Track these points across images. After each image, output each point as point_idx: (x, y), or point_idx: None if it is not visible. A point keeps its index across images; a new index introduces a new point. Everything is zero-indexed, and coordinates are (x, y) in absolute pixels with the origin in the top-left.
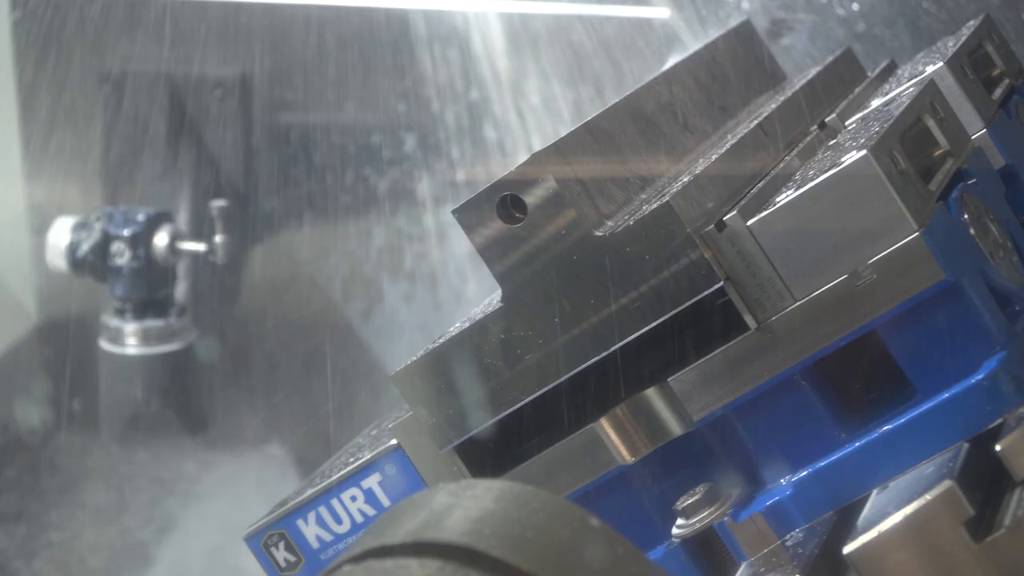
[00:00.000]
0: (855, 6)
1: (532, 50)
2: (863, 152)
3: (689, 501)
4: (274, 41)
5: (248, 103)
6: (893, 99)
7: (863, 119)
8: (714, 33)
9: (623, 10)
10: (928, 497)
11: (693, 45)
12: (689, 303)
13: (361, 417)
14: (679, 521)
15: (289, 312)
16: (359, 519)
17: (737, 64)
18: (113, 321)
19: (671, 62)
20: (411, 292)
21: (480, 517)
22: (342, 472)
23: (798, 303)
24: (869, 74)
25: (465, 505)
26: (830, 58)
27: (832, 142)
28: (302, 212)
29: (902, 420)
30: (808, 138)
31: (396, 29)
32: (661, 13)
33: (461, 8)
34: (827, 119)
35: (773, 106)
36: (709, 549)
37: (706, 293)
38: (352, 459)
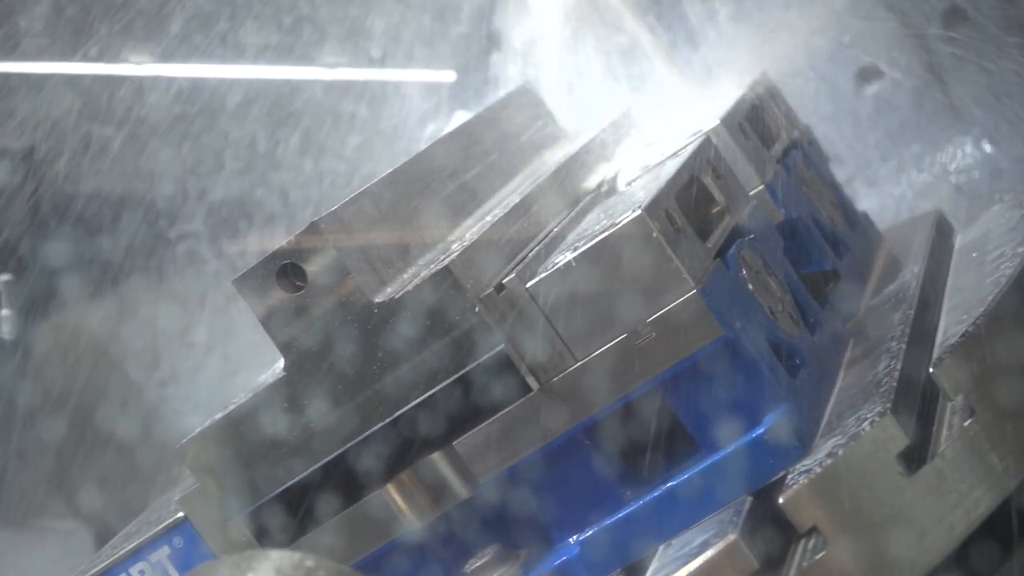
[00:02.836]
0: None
1: (319, 117)
2: (638, 212)
3: (479, 563)
4: (60, 113)
5: (33, 176)
6: (671, 157)
7: (641, 178)
8: (496, 96)
9: (408, 74)
10: (712, 551)
11: (476, 108)
12: (471, 367)
13: (155, 490)
14: None
15: (79, 386)
16: None
17: (518, 126)
18: None
19: (452, 125)
20: (202, 363)
21: None
22: (129, 546)
23: (579, 363)
24: (650, 133)
25: None
26: (611, 118)
27: (610, 201)
28: (91, 285)
29: (685, 476)
30: (588, 198)
31: (184, 100)
32: (447, 76)
33: (246, 76)
34: (607, 178)
35: (553, 167)
36: None
37: (488, 356)
38: (141, 533)
